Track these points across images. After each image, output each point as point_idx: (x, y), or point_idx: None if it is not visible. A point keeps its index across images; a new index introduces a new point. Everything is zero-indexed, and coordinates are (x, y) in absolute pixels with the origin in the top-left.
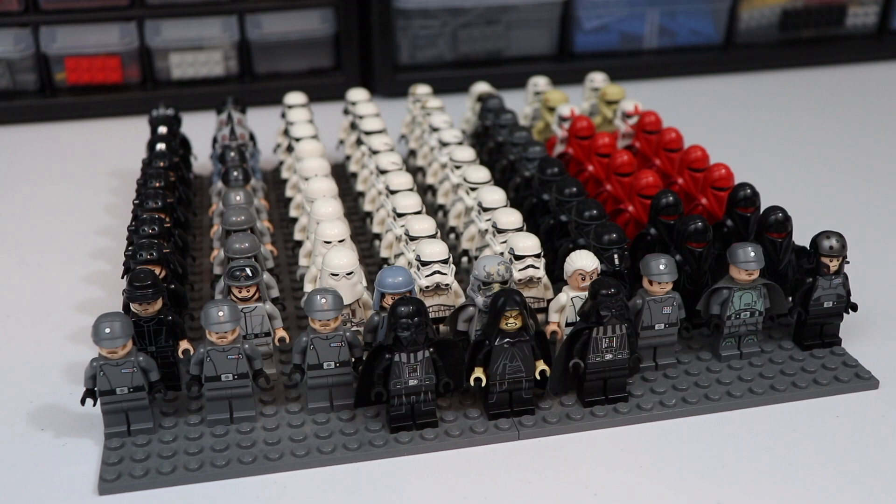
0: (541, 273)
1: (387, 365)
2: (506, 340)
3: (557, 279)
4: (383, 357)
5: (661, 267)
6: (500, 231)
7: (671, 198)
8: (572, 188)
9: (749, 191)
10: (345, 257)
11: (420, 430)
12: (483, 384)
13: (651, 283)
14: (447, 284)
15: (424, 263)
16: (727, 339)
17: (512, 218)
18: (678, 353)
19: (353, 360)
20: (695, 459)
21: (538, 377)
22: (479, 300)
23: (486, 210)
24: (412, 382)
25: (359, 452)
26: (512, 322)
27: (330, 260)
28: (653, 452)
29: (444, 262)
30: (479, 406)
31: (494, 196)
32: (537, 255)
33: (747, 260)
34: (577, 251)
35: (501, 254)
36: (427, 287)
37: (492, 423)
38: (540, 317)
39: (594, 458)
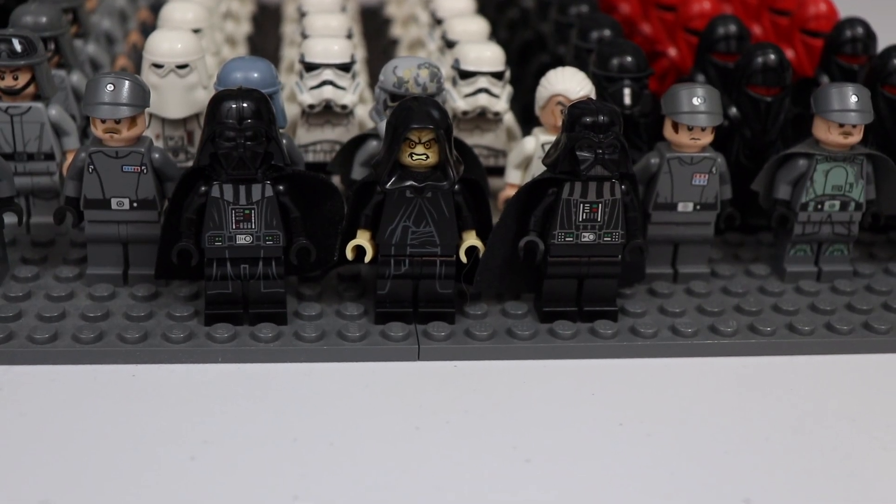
0: (501, 105)
1: (200, 203)
2: (408, 185)
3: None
4: (195, 189)
5: (696, 101)
6: (451, 45)
7: (732, 26)
8: (580, 6)
9: (861, 30)
10: (178, 41)
11: (254, 326)
12: (368, 259)
13: (677, 128)
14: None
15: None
16: (799, 246)
17: (471, 27)
18: (714, 259)
19: (165, 199)
20: (717, 427)
21: (464, 258)
22: (384, 126)
23: (439, 23)
24: (242, 240)
25: (136, 351)
26: (421, 153)
27: (152, 42)
28: (647, 407)
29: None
30: (363, 298)
31: (454, 3)
32: (496, 75)
33: (845, 107)
34: (558, 68)
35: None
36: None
37: (377, 329)
38: (499, 182)
39: (547, 410)
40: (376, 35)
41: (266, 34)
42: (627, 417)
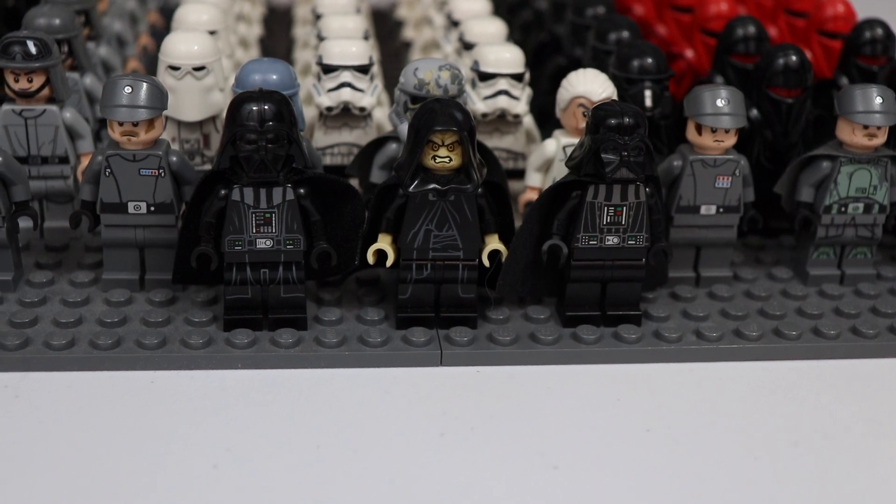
0: (521, 108)
1: (220, 207)
2: (431, 188)
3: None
4: (215, 192)
5: (720, 102)
6: (469, 47)
7: (751, 27)
8: (596, 7)
9: (881, 31)
10: (194, 43)
11: (274, 331)
12: (390, 263)
13: (700, 130)
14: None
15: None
16: (822, 249)
17: (489, 29)
18: (736, 262)
19: (183, 203)
20: (745, 432)
21: (487, 262)
22: (405, 129)
23: (456, 25)
24: (262, 244)
25: (154, 357)
26: (444, 156)
27: (169, 45)
28: (674, 413)
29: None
30: (383, 303)
31: (470, 4)
32: (517, 77)
33: (869, 108)
34: (579, 70)
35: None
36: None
37: (399, 335)
38: (517, 185)
39: (573, 416)
40: (388, 37)
41: (277, 36)
42: (654, 423)
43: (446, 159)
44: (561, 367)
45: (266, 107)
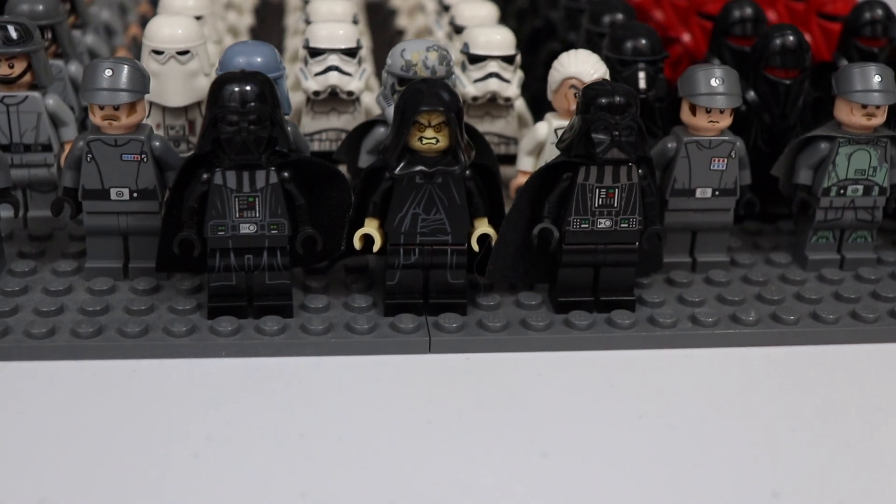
0: (513, 91)
1: (203, 191)
2: (418, 170)
3: None
4: (197, 176)
5: (715, 82)
6: (459, 30)
7: (748, 9)
8: None
9: (881, 12)
10: (178, 27)
11: (259, 319)
12: (377, 248)
13: (694, 110)
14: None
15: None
16: (821, 233)
17: (480, 12)
18: (733, 247)
19: (167, 189)
20: (740, 419)
21: (476, 246)
22: (392, 112)
23: (447, 9)
24: (246, 229)
25: (137, 346)
26: (431, 137)
27: (152, 28)
28: (667, 399)
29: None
30: (372, 291)
31: None
32: (507, 59)
33: (868, 87)
34: (570, 51)
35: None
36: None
37: (387, 322)
38: (510, 170)
39: (564, 403)
40: (382, 26)
41: (269, 26)
42: (647, 410)
43: (433, 140)
44: (552, 354)
45: (248, 88)
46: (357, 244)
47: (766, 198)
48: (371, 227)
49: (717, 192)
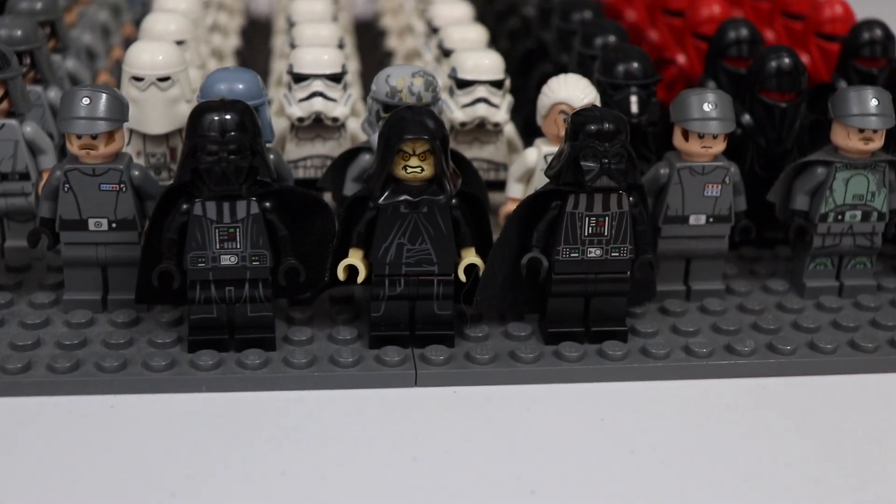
0: (501, 116)
1: (182, 222)
2: (403, 199)
3: None
4: (177, 207)
5: (707, 107)
6: (448, 54)
7: (744, 30)
8: (584, 12)
9: (880, 32)
10: (158, 53)
11: (240, 352)
12: (361, 279)
13: (687, 136)
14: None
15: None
16: (819, 259)
17: (469, 35)
18: (729, 274)
19: (146, 219)
20: (735, 454)
21: (463, 276)
22: (377, 139)
23: (435, 32)
24: (227, 260)
25: (115, 381)
26: (415, 165)
27: (132, 55)
28: (660, 433)
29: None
30: (357, 322)
31: (451, 11)
32: (496, 84)
33: (865, 111)
34: (560, 75)
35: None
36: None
37: (372, 354)
38: (499, 197)
39: (553, 438)
40: (371, 47)
41: (256, 48)
42: (639, 444)
43: (418, 169)
44: (542, 387)
45: (227, 117)
46: (341, 275)
47: (763, 223)
48: (355, 257)
49: (711, 219)
